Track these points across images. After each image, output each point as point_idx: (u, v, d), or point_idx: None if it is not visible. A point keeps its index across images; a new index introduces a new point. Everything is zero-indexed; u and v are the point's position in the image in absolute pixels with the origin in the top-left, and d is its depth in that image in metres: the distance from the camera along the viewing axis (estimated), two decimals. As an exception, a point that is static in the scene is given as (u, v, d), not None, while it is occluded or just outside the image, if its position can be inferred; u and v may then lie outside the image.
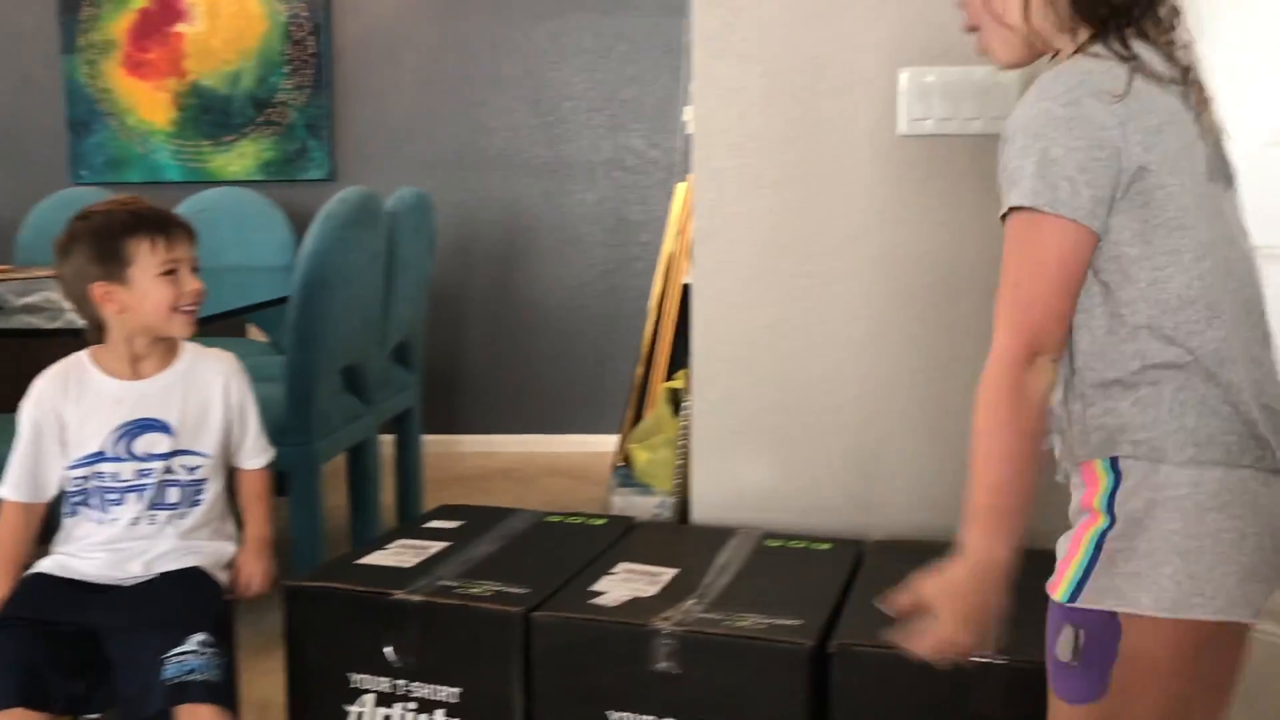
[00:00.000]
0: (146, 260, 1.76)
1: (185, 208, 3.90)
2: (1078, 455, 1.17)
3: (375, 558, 1.91)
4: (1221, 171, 1.17)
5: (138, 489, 1.79)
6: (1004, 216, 1.13)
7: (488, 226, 4.51)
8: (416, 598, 1.73)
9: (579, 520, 2.16)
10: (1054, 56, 1.23)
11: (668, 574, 1.84)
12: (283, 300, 2.94)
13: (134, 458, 1.79)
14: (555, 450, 4.55)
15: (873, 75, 2.05)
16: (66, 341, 2.43)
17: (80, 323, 2.36)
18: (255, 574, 1.88)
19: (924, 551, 2.00)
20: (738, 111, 2.10)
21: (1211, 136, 1.17)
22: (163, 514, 1.80)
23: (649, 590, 1.77)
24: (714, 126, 2.11)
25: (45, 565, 1.80)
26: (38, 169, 4.61)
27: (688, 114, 2.65)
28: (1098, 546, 1.11)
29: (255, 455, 1.92)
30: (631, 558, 1.92)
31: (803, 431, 2.14)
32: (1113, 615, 1.10)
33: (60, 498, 1.83)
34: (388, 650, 1.74)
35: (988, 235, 2.04)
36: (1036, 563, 1.26)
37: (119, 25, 4.49)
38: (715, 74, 2.10)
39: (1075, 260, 1.09)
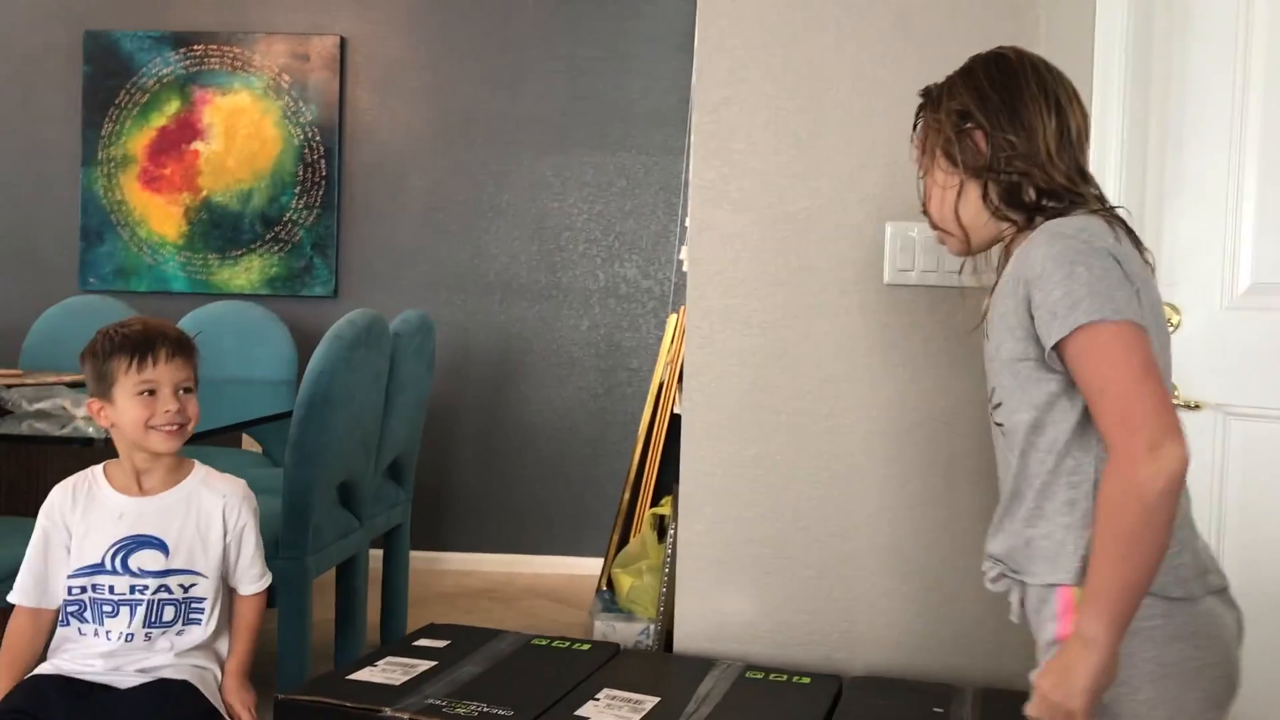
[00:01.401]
0: (124, 380, 1.85)
1: (190, 319, 4.00)
2: (1058, 578, 1.25)
3: (365, 674, 1.95)
4: (1163, 316, 1.33)
5: (131, 604, 1.83)
6: (1057, 346, 1.21)
7: (483, 348, 4.63)
8: (405, 716, 1.77)
9: (565, 645, 2.20)
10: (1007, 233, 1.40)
11: (650, 702, 1.88)
12: (283, 416, 3.01)
13: (129, 572, 1.84)
14: (538, 571, 4.58)
15: (860, 227, 2.18)
16: (75, 448, 2.50)
17: (89, 431, 2.44)
18: (244, 707, 1.90)
19: (902, 688, 2.05)
20: (731, 255, 2.22)
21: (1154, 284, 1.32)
22: (157, 631, 1.84)
23: (632, 718, 1.81)
24: (708, 268, 2.23)
25: (44, 670, 1.84)
26: (49, 275, 4.72)
27: (684, 253, 2.77)
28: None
29: (251, 581, 1.96)
30: (615, 684, 1.97)
31: (785, 564, 2.21)
32: None
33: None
34: (373, 767, 1.77)
35: (968, 381, 2.15)
36: (1000, 703, 1.32)
37: (138, 141, 4.66)
38: (711, 220, 2.22)
39: (1148, 353, 1.17)
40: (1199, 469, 2.13)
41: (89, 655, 1.83)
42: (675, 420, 3.63)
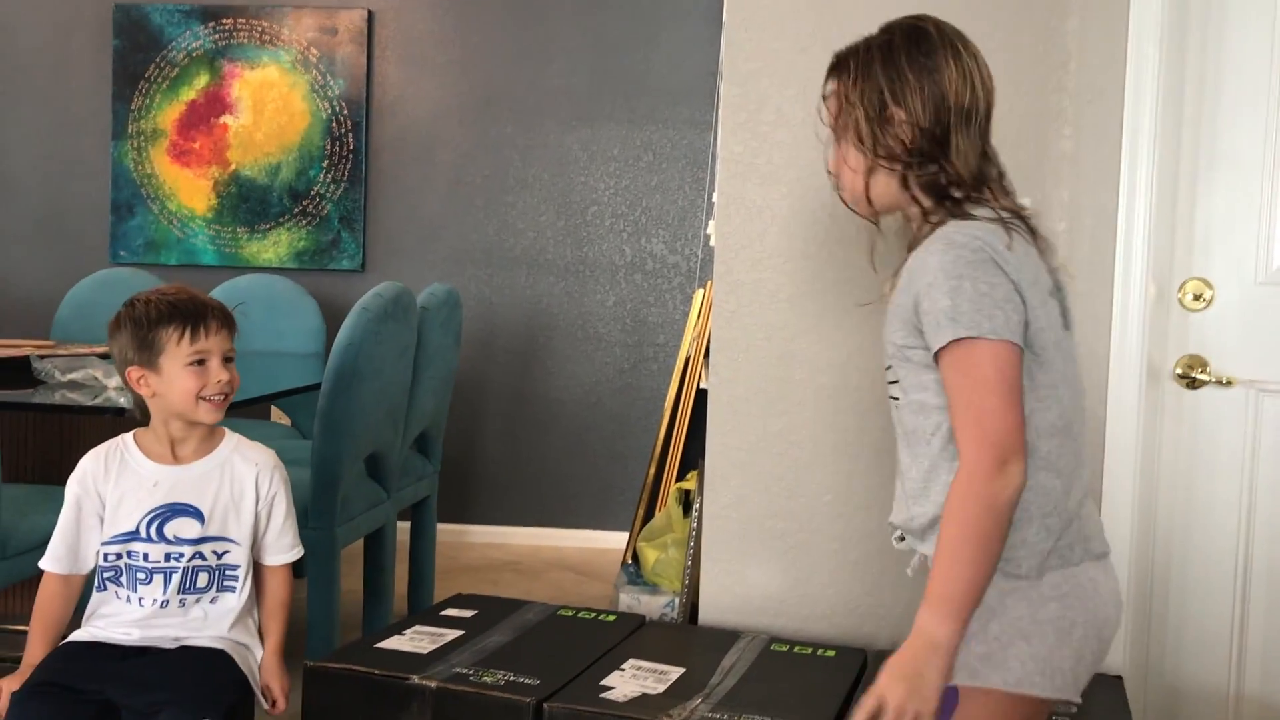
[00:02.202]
0: (175, 350, 1.84)
1: (218, 293, 4.03)
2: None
3: (393, 642, 1.97)
4: (1067, 318, 1.36)
5: (166, 571, 1.85)
6: (937, 352, 1.27)
7: (509, 322, 4.64)
8: (432, 683, 1.79)
9: (591, 615, 2.21)
10: (905, 215, 1.42)
11: (675, 673, 1.89)
12: (311, 388, 3.03)
13: (164, 540, 1.85)
14: (562, 544, 4.60)
15: (889, 202, 2.16)
16: (107, 418, 2.53)
17: (121, 401, 2.46)
18: (282, 690, 1.91)
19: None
20: (759, 229, 2.21)
21: (1059, 288, 1.35)
22: (190, 598, 1.86)
23: (657, 688, 1.83)
24: (736, 242, 2.22)
25: (79, 636, 1.87)
26: (80, 248, 4.76)
27: (710, 227, 2.77)
28: None
29: (280, 552, 1.95)
30: (641, 655, 1.98)
31: (810, 538, 2.21)
32: (953, 689, 1.24)
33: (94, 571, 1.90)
34: (402, 734, 1.79)
35: (994, 358, 2.13)
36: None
37: (168, 115, 4.68)
38: (740, 193, 2.21)
39: (1015, 374, 1.23)
40: (1231, 445, 2.12)
41: (124, 623, 1.85)
42: (701, 396, 3.63)
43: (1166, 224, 2.13)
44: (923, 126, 1.32)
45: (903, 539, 1.40)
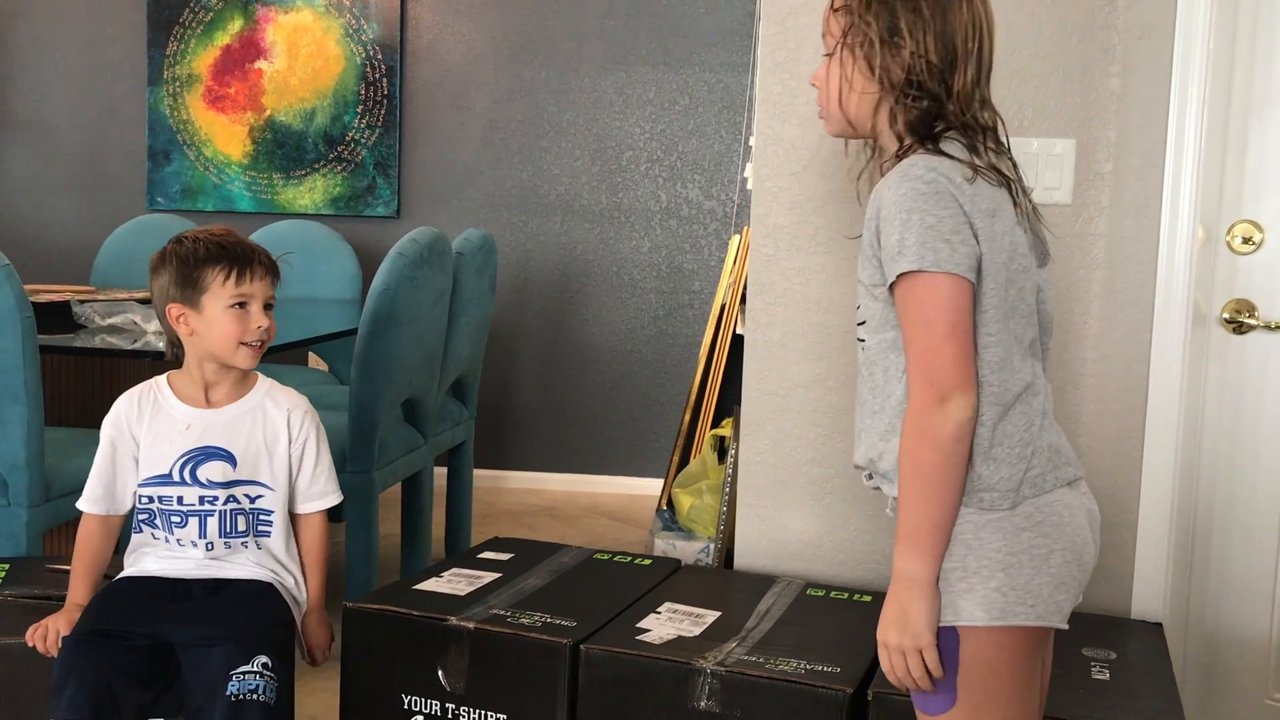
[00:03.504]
0: (219, 291, 1.84)
1: (255, 238, 4.04)
2: None
3: (431, 584, 1.99)
4: (1038, 251, 1.34)
5: (201, 515, 1.86)
6: (892, 286, 1.27)
7: (544, 268, 4.62)
8: (469, 624, 1.81)
9: (627, 560, 2.22)
10: (877, 141, 1.40)
11: (711, 616, 1.90)
12: (348, 333, 3.05)
13: (197, 483, 1.86)
14: (598, 490, 4.62)
15: (930, 143, 2.12)
16: (146, 361, 2.55)
17: (159, 345, 2.48)
18: (324, 642, 1.93)
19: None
20: (797, 171, 2.18)
21: (1029, 225, 1.34)
22: (236, 541, 1.87)
23: (693, 630, 1.83)
24: (773, 185, 2.19)
25: (129, 572, 1.89)
26: (117, 195, 4.79)
27: (748, 171, 2.73)
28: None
29: (315, 498, 1.94)
30: (677, 599, 1.98)
31: (846, 484, 2.20)
32: (953, 629, 1.25)
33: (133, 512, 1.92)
34: (440, 673, 1.81)
35: (1036, 302, 2.10)
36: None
37: (203, 60, 4.68)
38: (777, 135, 2.18)
39: (963, 309, 1.23)
40: (1278, 390, 2.09)
41: (168, 564, 1.87)
42: (737, 341, 3.62)
43: (1216, 165, 2.08)
44: (929, 61, 1.31)
45: (870, 478, 1.41)
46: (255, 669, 1.73)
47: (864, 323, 1.37)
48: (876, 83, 1.34)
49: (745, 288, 2.32)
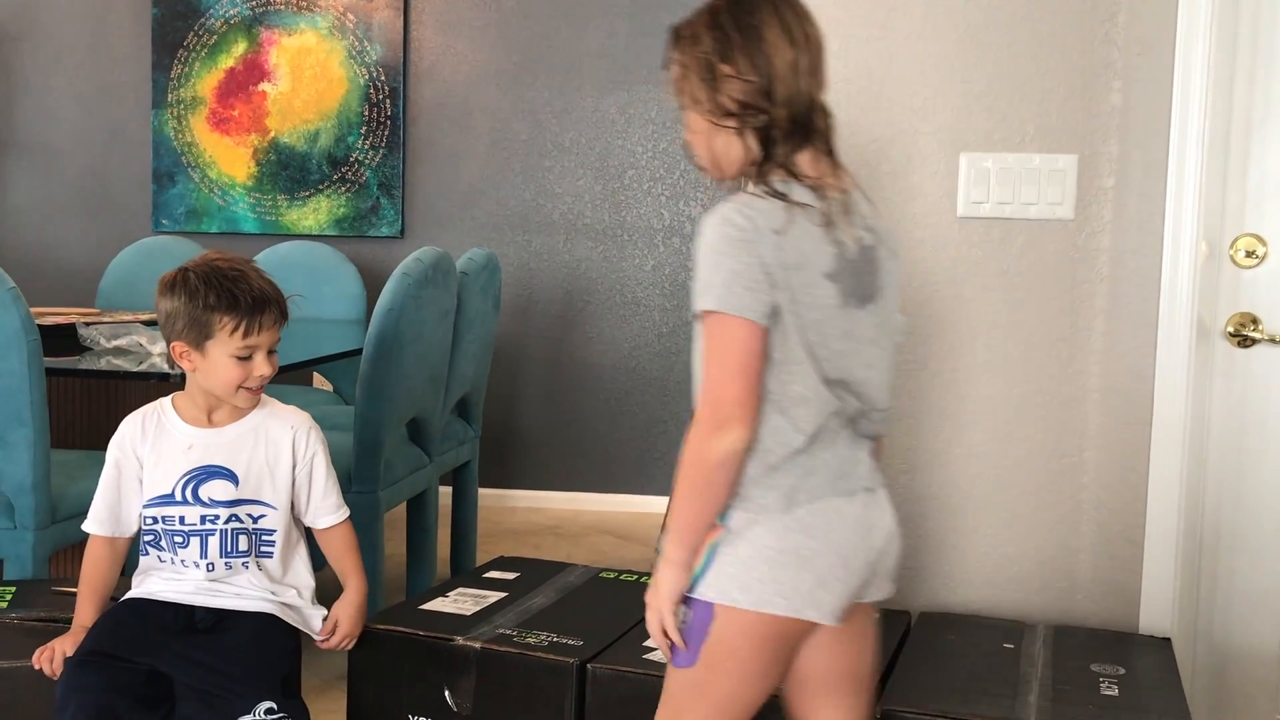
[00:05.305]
0: (225, 340, 1.81)
1: (260, 260, 4.05)
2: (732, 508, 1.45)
3: (437, 604, 1.99)
4: (858, 293, 1.42)
5: (202, 534, 1.85)
6: (699, 316, 1.39)
7: (548, 287, 4.63)
8: (476, 644, 1.80)
9: (632, 578, 2.22)
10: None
11: (718, 633, 1.89)
12: (352, 353, 3.05)
13: (199, 502, 1.85)
14: (603, 509, 4.61)
15: (932, 159, 2.13)
16: (152, 383, 2.56)
17: (164, 367, 2.48)
18: (348, 634, 1.90)
19: (972, 624, 2.04)
20: (800, 189, 2.18)
21: (854, 263, 1.41)
22: (236, 560, 1.87)
23: (700, 648, 1.82)
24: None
25: (129, 596, 1.89)
26: (122, 217, 4.81)
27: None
28: (714, 553, 1.40)
29: (329, 512, 1.94)
30: (683, 616, 1.98)
31: (853, 500, 2.19)
32: (710, 604, 1.39)
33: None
34: (446, 694, 1.81)
35: (1044, 316, 2.11)
36: (1072, 640, 1.31)
37: (207, 83, 4.70)
38: (780, 153, 2.18)
39: (754, 351, 1.35)
40: (1283, 405, 2.08)
41: (171, 587, 1.87)
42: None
43: (1218, 179, 2.09)
44: (750, 80, 1.39)
45: None
46: (258, 718, 1.72)
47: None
48: (716, 116, 1.41)
49: (749, 305, 2.32)
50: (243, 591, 1.87)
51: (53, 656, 1.80)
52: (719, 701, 1.41)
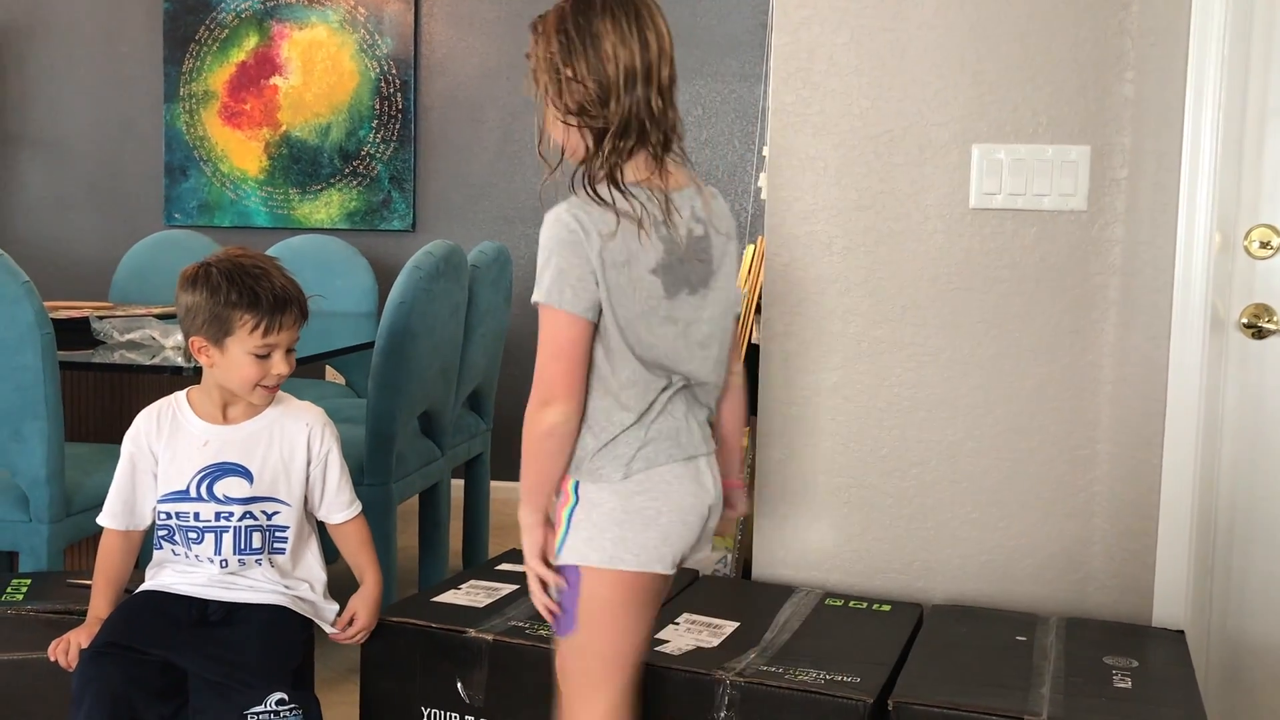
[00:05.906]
0: (245, 338, 1.81)
1: (272, 254, 4.06)
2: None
3: (449, 596, 1.99)
4: (690, 281, 1.54)
5: (217, 531, 1.86)
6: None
7: (560, 280, 4.63)
8: (489, 636, 1.81)
9: (644, 570, 2.22)
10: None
11: (729, 627, 1.90)
12: (364, 347, 3.06)
13: (214, 499, 1.86)
14: (616, 502, 4.61)
15: (944, 150, 2.13)
16: (165, 377, 2.57)
17: (178, 360, 2.49)
18: (364, 626, 1.90)
19: (984, 616, 2.04)
20: (811, 180, 2.18)
21: (683, 255, 1.53)
22: (249, 557, 1.87)
23: (712, 641, 1.83)
24: (787, 194, 2.20)
25: (149, 586, 1.89)
26: (134, 211, 4.82)
27: (762, 181, 2.74)
28: (569, 520, 1.53)
29: (342, 508, 1.95)
30: (695, 609, 1.98)
31: (864, 494, 2.19)
32: (576, 569, 1.52)
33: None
34: (459, 686, 1.81)
35: (1055, 308, 2.10)
36: (1085, 632, 1.30)
37: (219, 77, 4.71)
38: (791, 144, 2.18)
39: (575, 341, 1.51)
40: (1298, 397, 2.07)
41: (185, 581, 1.87)
42: (752, 352, 3.61)
43: (1232, 169, 2.07)
44: (588, 84, 1.49)
45: None
46: (269, 709, 1.73)
47: None
48: (560, 111, 1.52)
49: (760, 297, 2.32)
50: (255, 584, 1.88)
51: (68, 648, 1.82)
52: (603, 654, 1.54)
